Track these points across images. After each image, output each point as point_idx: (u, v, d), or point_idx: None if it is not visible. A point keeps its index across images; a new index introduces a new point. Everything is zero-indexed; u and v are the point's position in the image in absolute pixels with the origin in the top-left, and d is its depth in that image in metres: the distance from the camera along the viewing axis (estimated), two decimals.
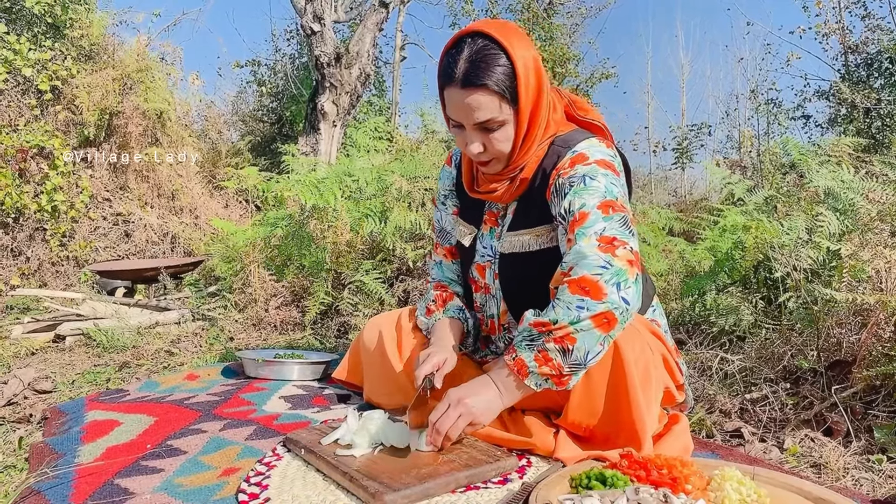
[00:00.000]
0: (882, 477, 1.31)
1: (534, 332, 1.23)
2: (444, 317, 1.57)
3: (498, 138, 1.34)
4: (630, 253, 1.24)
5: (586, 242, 1.23)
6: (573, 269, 1.23)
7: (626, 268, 1.21)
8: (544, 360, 1.22)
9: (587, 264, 1.21)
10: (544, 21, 9.62)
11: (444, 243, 1.69)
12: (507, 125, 1.34)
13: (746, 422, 1.65)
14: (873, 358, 1.61)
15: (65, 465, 1.36)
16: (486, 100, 1.29)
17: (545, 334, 1.21)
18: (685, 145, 10.62)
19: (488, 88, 1.28)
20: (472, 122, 1.32)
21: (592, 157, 1.35)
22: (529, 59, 1.31)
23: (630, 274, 1.21)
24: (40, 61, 5.30)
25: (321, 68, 6.50)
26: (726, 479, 1.09)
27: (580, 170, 1.33)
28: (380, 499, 1.09)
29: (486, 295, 1.56)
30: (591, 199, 1.28)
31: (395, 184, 3.18)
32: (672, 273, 2.93)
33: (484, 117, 1.30)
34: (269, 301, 3.20)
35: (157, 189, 5.90)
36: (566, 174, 1.34)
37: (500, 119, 1.32)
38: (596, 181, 1.31)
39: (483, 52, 1.28)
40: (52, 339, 2.99)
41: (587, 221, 1.26)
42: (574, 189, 1.31)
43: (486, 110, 1.30)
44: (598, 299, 1.18)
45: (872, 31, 7.87)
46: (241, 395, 1.88)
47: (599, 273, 1.19)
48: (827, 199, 2.25)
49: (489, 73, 1.27)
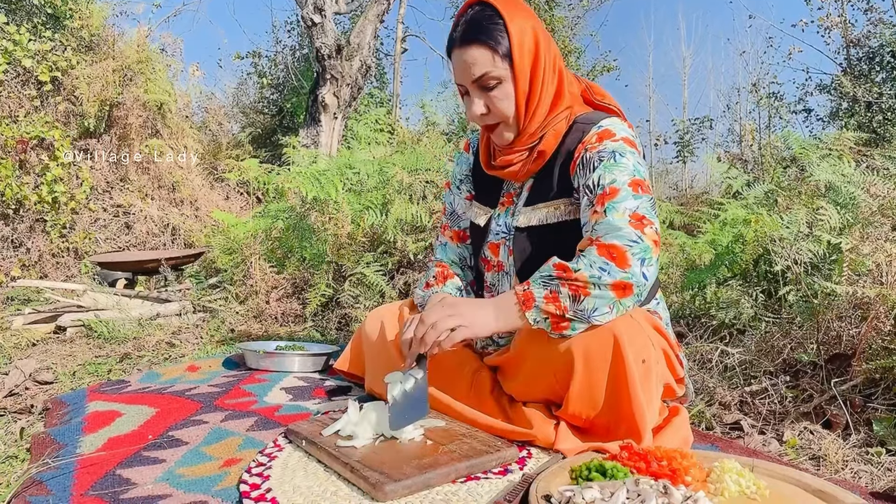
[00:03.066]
0: (881, 469, 1.32)
1: (552, 274, 1.25)
2: (442, 292, 1.56)
3: (497, 96, 1.38)
4: (655, 233, 1.26)
5: (618, 217, 1.26)
6: (603, 236, 1.25)
7: (652, 246, 1.24)
8: (553, 298, 1.23)
9: (620, 235, 1.24)
10: (546, 14, 9.59)
11: (454, 226, 1.70)
12: (505, 82, 1.37)
13: (746, 414, 1.65)
14: (873, 351, 1.62)
15: (66, 456, 1.36)
16: (479, 53, 1.35)
17: (562, 279, 1.23)
18: (687, 139, 10.61)
19: (481, 42, 1.34)
20: (470, 79, 1.37)
21: (619, 133, 1.37)
22: (527, 24, 1.37)
23: (654, 252, 1.25)
24: (40, 52, 5.29)
25: (322, 60, 6.48)
26: (726, 470, 1.10)
27: (609, 145, 1.35)
28: (380, 489, 1.09)
29: (500, 273, 1.56)
30: (621, 175, 1.31)
31: (396, 176, 3.18)
32: (673, 266, 2.93)
33: (479, 72, 1.35)
34: (270, 293, 3.21)
35: (157, 181, 5.90)
36: (594, 148, 1.36)
37: (496, 74, 1.36)
38: (625, 159, 1.33)
39: (480, 15, 1.36)
40: (52, 330, 3.00)
41: (618, 196, 1.28)
42: (604, 164, 1.33)
43: (480, 65, 1.35)
44: (623, 268, 1.21)
45: (874, 24, 7.84)
46: (242, 387, 1.88)
47: (629, 245, 1.22)
48: (828, 193, 2.25)
49: (483, 30, 1.35)
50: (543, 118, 1.42)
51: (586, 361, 1.27)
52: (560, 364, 1.31)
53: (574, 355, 1.27)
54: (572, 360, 1.28)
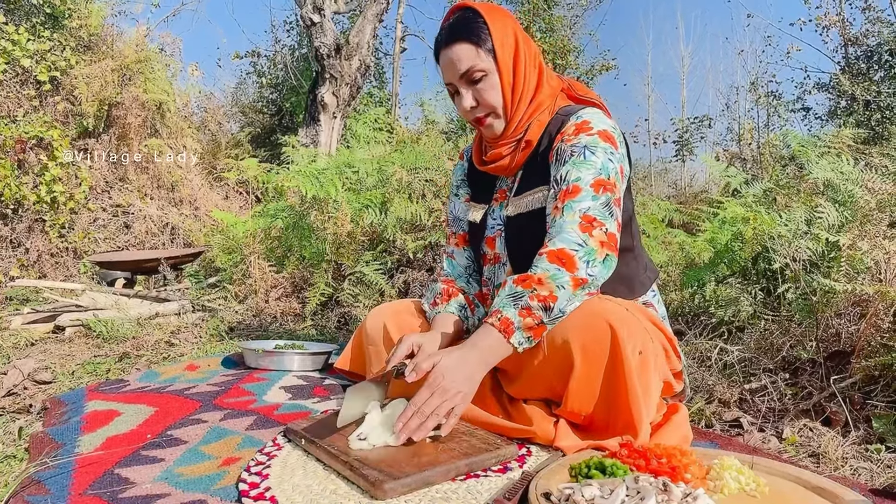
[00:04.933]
0: (880, 466, 1.32)
1: (517, 290, 1.30)
2: (445, 312, 1.59)
3: (484, 88, 1.46)
4: (604, 235, 1.33)
5: (570, 218, 1.34)
6: (552, 240, 1.33)
7: (597, 248, 1.32)
8: (527, 312, 1.29)
9: (566, 238, 1.32)
10: (545, 13, 9.59)
11: (458, 231, 1.75)
12: (491, 74, 1.46)
13: (745, 412, 1.65)
14: (872, 348, 1.62)
15: (65, 455, 1.36)
16: (464, 49, 1.44)
17: (529, 290, 1.28)
18: (686, 137, 10.62)
19: (465, 39, 1.44)
20: (458, 75, 1.46)
21: (595, 126, 1.42)
22: (507, 23, 1.48)
23: (599, 254, 1.32)
24: (39, 52, 5.28)
25: (321, 59, 6.48)
26: (725, 468, 1.10)
27: (583, 139, 1.40)
28: (380, 487, 1.09)
29: (496, 265, 1.60)
30: (586, 173, 1.37)
31: (395, 175, 3.18)
32: (672, 264, 2.93)
33: (465, 66, 1.44)
34: (270, 292, 3.21)
35: (156, 180, 5.89)
36: (569, 140, 1.42)
37: (481, 67, 1.44)
38: (595, 156, 1.38)
39: (463, 17, 1.47)
40: (51, 329, 3.00)
41: (578, 196, 1.35)
42: (573, 160, 1.39)
43: (466, 60, 1.44)
44: (572, 271, 1.29)
45: (873, 23, 7.84)
46: (241, 386, 1.88)
47: (575, 250, 1.31)
48: (826, 191, 2.25)
49: (466, 29, 1.45)
50: (527, 107, 1.50)
51: (585, 356, 1.28)
52: (559, 360, 1.31)
53: (573, 351, 1.28)
54: (571, 355, 1.28)
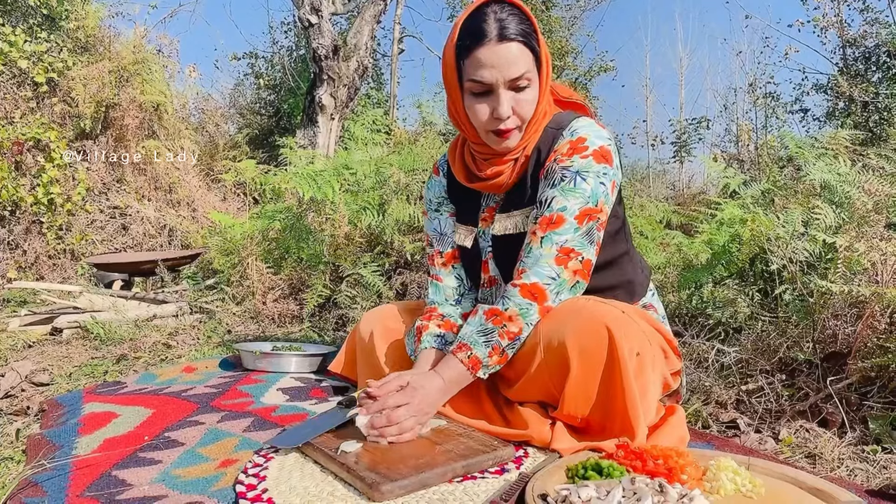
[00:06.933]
0: (876, 467, 1.32)
1: (488, 326, 1.34)
2: (421, 348, 1.52)
3: (526, 99, 1.36)
4: (579, 264, 1.35)
5: (548, 251, 1.34)
6: (526, 272, 1.35)
7: (569, 278, 1.35)
8: (496, 352, 1.34)
9: (539, 273, 1.34)
10: (543, 14, 9.60)
11: (445, 249, 1.64)
12: (533, 86, 1.37)
13: (742, 413, 1.65)
14: (868, 349, 1.62)
15: (62, 457, 1.36)
16: (521, 53, 1.32)
17: (500, 327, 1.33)
18: (684, 139, 10.63)
19: (522, 41, 1.33)
20: (508, 78, 1.32)
21: (591, 145, 1.37)
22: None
23: (569, 283, 1.36)
24: (36, 53, 5.28)
25: (319, 61, 6.48)
26: (722, 469, 1.10)
27: (576, 163, 1.36)
28: (377, 489, 1.09)
29: (492, 287, 1.56)
30: (573, 203, 1.34)
31: (393, 176, 3.18)
32: (669, 266, 2.93)
33: (519, 71, 1.32)
34: (267, 294, 3.20)
35: (154, 182, 5.88)
36: (562, 161, 1.37)
37: (530, 76, 1.35)
38: (585, 183, 1.35)
39: (512, 12, 1.34)
40: (49, 331, 2.99)
41: (560, 228, 1.34)
42: (563, 185, 1.36)
43: (521, 64, 1.32)
44: (543, 303, 1.34)
45: (871, 24, 7.85)
46: (238, 388, 1.88)
47: (548, 284, 1.34)
48: (823, 192, 2.25)
49: (521, 28, 1.33)
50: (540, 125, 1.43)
51: (581, 359, 1.27)
52: (555, 363, 1.31)
53: (569, 354, 1.28)
54: (567, 359, 1.28)
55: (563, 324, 1.30)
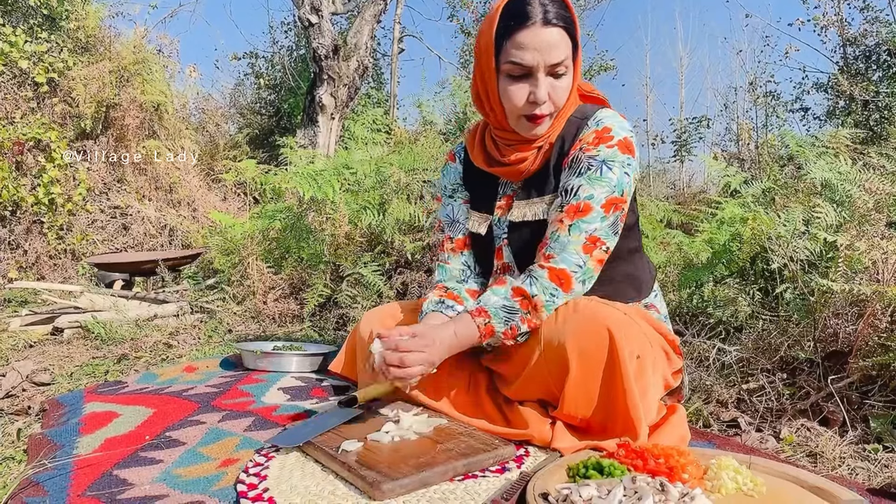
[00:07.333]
0: (877, 466, 1.32)
1: (514, 305, 1.34)
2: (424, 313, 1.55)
3: (562, 86, 1.36)
4: (603, 253, 1.37)
5: (576, 238, 1.34)
6: (554, 258, 1.35)
7: (593, 267, 1.37)
8: (511, 335, 1.35)
9: (568, 259, 1.34)
10: None
11: (456, 235, 1.64)
12: (569, 74, 1.37)
13: (743, 412, 1.65)
14: (869, 348, 1.62)
15: (63, 457, 1.36)
16: (562, 39, 1.33)
17: (524, 312, 1.34)
18: (684, 138, 10.61)
19: (565, 28, 1.33)
20: (549, 63, 1.32)
21: (616, 136, 1.37)
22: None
23: (595, 271, 1.38)
24: (36, 53, 5.28)
25: (319, 60, 6.47)
26: (723, 468, 1.10)
27: (602, 152, 1.35)
28: (378, 488, 1.09)
29: (508, 274, 1.54)
30: (600, 191, 1.34)
31: (393, 176, 3.18)
32: (670, 265, 2.93)
33: (559, 57, 1.32)
34: (268, 293, 3.21)
35: (154, 182, 5.88)
36: (588, 150, 1.37)
37: (567, 64, 1.35)
38: (611, 172, 1.35)
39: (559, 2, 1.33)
40: (50, 331, 2.99)
41: (588, 216, 1.34)
42: (589, 174, 1.35)
43: (561, 49, 1.33)
44: (567, 291, 1.35)
45: (871, 23, 7.84)
46: (239, 387, 1.88)
47: (575, 271, 1.35)
48: (824, 191, 2.25)
49: (564, 14, 1.33)
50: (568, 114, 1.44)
51: (581, 360, 1.27)
52: (554, 363, 1.31)
53: (568, 355, 1.28)
54: (567, 359, 1.28)
55: (564, 324, 1.30)
